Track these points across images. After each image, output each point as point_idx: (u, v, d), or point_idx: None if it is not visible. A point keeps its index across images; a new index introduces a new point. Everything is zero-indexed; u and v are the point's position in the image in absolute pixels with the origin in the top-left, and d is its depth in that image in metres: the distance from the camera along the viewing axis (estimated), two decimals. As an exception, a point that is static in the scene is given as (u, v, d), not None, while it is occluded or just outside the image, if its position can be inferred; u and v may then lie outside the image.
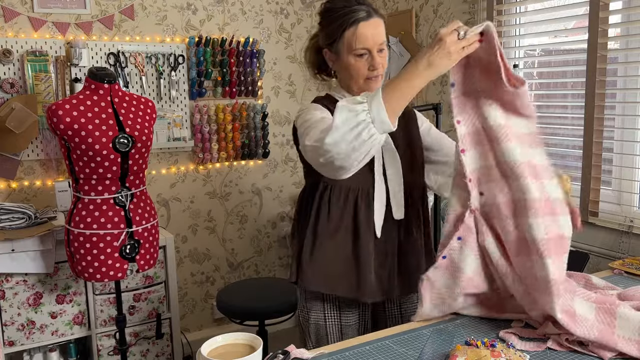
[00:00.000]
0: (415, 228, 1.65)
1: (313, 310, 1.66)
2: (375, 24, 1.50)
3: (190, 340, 3.37)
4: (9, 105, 2.76)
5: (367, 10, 1.51)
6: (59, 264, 2.68)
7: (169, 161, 3.41)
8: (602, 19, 2.21)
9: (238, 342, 1.15)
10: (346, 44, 1.51)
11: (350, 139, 1.24)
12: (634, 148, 2.21)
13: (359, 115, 1.24)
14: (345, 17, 1.50)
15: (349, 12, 1.50)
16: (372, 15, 1.51)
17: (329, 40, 1.56)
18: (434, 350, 1.26)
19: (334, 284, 1.60)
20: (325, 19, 1.57)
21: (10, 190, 3.01)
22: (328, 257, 1.58)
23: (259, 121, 3.56)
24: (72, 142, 2.24)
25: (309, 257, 1.59)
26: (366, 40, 1.49)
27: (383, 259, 1.61)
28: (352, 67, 1.53)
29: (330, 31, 1.55)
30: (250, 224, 3.73)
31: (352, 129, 1.23)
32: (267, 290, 2.80)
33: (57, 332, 2.74)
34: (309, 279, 1.60)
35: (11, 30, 2.93)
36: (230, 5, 3.49)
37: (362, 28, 1.49)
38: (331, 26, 1.54)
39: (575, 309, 1.26)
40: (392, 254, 1.62)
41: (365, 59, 1.51)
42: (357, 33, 1.49)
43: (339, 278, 1.59)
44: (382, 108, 1.23)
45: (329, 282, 1.60)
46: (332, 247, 1.58)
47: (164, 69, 3.28)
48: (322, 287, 1.61)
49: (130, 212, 2.37)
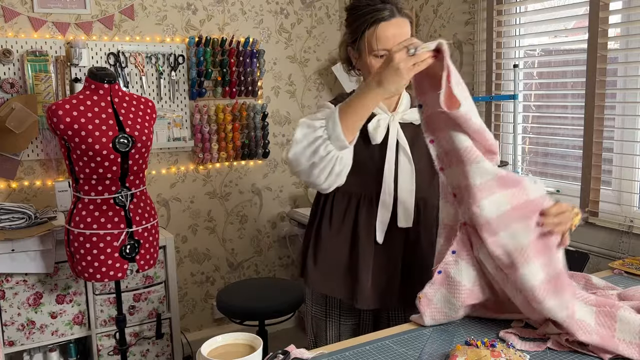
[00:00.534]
0: (425, 241, 1.59)
1: (316, 305, 1.67)
2: (398, 23, 1.45)
3: (190, 340, 3.37)
4: (9, 105, 2.76)
5: (390, 9, 1.46)
6: (59, 264, 2.68)
7: (169, 161, 3.41)
8: (602, 19, 2.21)
9: (238, 342, 1.15)
10: (367, 44, 1.47)
11: (308, 155, 1.29)
12: (634, 148, 2.20)
13: (316, 131, 1.29)
14: (367, 16, 1.46)
15: (371, 11, 1.46)
16: (395, 15, 1.46)
17: (352, 39, 1.53)
18: (434, 350, 1.26)
19: (333, 286, 1.59)
20: (349, 16, 1.53)
21: (10, 190, 3.01)
22: (328, 259, 1.58)
23: (259, 121, 3.56)
24: (72, 142, 2.24)
25: (312, 258, 1.60)
26: (387, 41, 1.44)
27: (383, 266, 1.57)
28: (372, 68, 1.47)
29: (352, 29, 1.52)
30: (250, 224, 3.73)
31: (310, 145, 1.29)
32: (267, 290, 2.80)
33: (57, 332, 2.74)
34: (312, 279, 1.61)
35: (11, 30, 2.93)
36: (230, 5, 3.49)
37: (382, 28, 1.44)
38: (354, 24, 1.50)
39: (574, 312, 1.26)
40: (394, 262, 1.58)
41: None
42: (377, 33, 1.45)
43: (337, 281, 1.59)
44: (337, 125, 1.27)
45: (329, 285, 1.59)
46: (332, 249, 1.57)
47: (164, 69, 3.28)
48: (323, 288, 1.62)
49: (130, 212, 2.37)
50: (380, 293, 1.58)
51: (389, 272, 1.58)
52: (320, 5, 3.78)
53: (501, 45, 2.74)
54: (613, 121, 2.27)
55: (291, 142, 1.32)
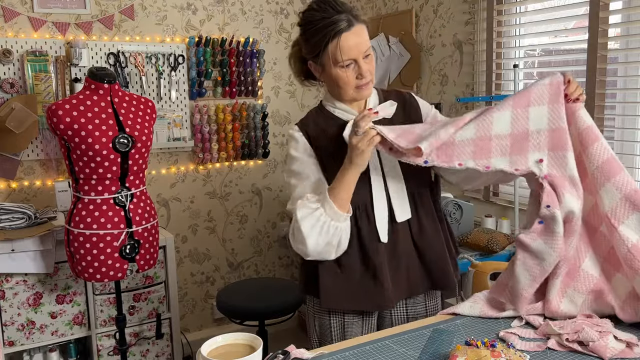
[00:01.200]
0: (429, 226, 1.62)
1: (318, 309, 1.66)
2: (357, 32, 1.45)
3: (190, 340, 3.37)
4: (9, 105, 2.76)
5: (347, 18, 1.44)
6: (59, 264, 2.68)
7: (169, 161, 3.41)
8: (602, 19, 2.21)
9: (238, 342, 1.15)
10: (331, 57, 1.47)
11: (323, 241, 1.47)
12: (634, 148, 2.21)
13: (320, 219, 1.45)
14: (326, 29, 1.44)
15: (329, 25, 1.44)
16: (354, 23, 1.45)
17: (313, 54, 1.52)
18: (434, 350, 1.26)
19: (357, 300, 1.59)
20: (306, 31, 1.51)
21: (10, 190, 3.01)
22: (344, 274, 1.57)
23: (259, 121, 3.56)
24: (72, 142, 2.24)
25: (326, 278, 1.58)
26: (350, 50, 1.45)
27: (396, 262, 1.59)
28: (340, 78, 1.49)
29: (312, 45, 1.50)
30: (250, 224, 3.73)
31: (320, 232, 1.46)
32: (267, 290, 2.80)
33: (57, 332, 2.74)
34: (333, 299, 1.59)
35: (11, 30, 2.93)
36: (230, 5, 3.49)
37: (344, 39, 1.44)
38: (313, 39, 1.48)
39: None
40: (406, 254, 1.59)
41: (352, 68, 1.47)
42: (340, 45, 1.44)
43: (359, 293, 1.58)
44: (332, 206, 1.44)
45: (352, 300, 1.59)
46: (345, 264, 1.57)
47: (164, 69, 3.28)
48: (347, 305, 1.61)
49: (130, 212, 2.37)
50: (402, 286, 1.61)
51: (404, 264, 1.60)
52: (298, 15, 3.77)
53: (501, 45, 2.74)
54: (613, 121, 2.27)
55: (297, 236, 1.48)
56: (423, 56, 3.16)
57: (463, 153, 1.39)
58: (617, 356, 1.21)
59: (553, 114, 1.38)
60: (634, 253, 1.30)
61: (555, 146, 1.39)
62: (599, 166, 1.36)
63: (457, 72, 2.95)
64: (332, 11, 1.45)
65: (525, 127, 1.40)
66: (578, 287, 1.38)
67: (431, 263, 1.62)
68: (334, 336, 1.65)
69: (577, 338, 1.25)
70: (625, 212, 1.33)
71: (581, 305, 1.39)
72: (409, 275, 1.61)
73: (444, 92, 3.04)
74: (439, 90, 3.07)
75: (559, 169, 1.38)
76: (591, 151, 1.36)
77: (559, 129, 1.38)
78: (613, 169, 1.35)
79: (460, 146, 1.39)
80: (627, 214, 1.33)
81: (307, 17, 1.50)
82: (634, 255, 1.30)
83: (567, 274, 1.40)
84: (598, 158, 1.36)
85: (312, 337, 1.70)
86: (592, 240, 1.41)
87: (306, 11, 1.51)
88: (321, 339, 1.68)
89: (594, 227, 1.40)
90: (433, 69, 3.10)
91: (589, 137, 1.37)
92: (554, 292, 1.39)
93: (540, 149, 1.40)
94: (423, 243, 1.60)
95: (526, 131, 1.40)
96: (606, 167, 1.35)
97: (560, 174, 1.38)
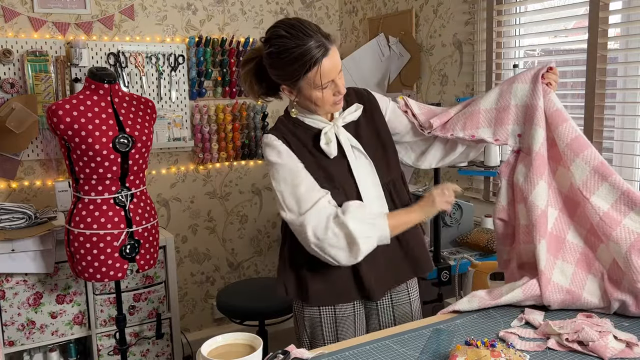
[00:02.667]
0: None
1: (308, 304, 1.67)
2: (333, 54, 1.47)
3: (190, 340, 3.38)
4: (9, 105, 2.76)
5: (321, 42, 1.45)
6: (59, 264, 2.68)
7: (169, 161, 3.41)
8: (602, 19, 2.21)
9: (238, 342, 1.15)
10: (310, 82, 1.48)
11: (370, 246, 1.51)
12: (634, 148, 2.21)
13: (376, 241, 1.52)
14: (304, 58, 1.44)
15: (306, 53, 1.43)
16: (328, 47, 1.46)
17: (289, 81, 1.51)
18: (434, 350, 1.26)
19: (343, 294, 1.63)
20: (279, 60, 1.47)
21: (10, 190, 3.01)
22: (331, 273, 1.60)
23: (259, 121, 3.57)
24: (72, 142, 2.24)
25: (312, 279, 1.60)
26: (329, 73, 1.47)
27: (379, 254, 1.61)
28: (318, 99, 1.52)
29: (289, 72, 1.48)
30: (250, 224, 3.74)
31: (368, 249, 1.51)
32: (267, 290, 2.80)
33: (57, 332, 2.74)
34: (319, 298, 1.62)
35: (11, 30, 2.93)
36: (230, 5, 3.50)
37: (324, 65, 1.45)
38: (289, 68, 1.47)
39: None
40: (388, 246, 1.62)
41: (330, 87, 1.51)
42: (320, 71, 1.45)
43: (345, 289, 1.62)
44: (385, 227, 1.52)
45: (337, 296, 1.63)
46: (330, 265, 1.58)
47: (164, 69, 3.28)
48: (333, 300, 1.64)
49: (130, 212, 2.37)
50: (387, 279, 1.66)
51: (388, 257, 1.65)
52: (320, 5, 3.78)
53: (501, 45, 2.74)
54: (613, 121, 2.27)
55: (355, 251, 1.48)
56: (423, 56, 3.16)
57: (456, 125, 1.62)
58: (617, 356, 1.21)
59: (532, 92, 1.54)
60: (605, 220, 1.40)
61: (529, 120, 1.53)
62: (568, 143, 1.46)
63: (457, 72, 2.95)
64: (304, 37, 1.43)
65: (508, 101, 1.58)
66: (566, 258, 1.47)
67: (413, 250, 1.69)
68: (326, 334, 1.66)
69: (577, 338, 1.25)
70: (595, 184, 1.43)
71: (572, 277, 1.44)
72: (393, 265, 1.66)
73: (444, 92, 3.04)
74: (438, 90, 3.07)
75: (529, 143, 1.53)
76: (561, 130, 1.48)
77: (534, 106, 1.52)
78: (581, 145, 1.46)
79: (455, 119, 1.63)
80: (597, 185, 1.43)
81: (279, 45, 1.45)
82: (605, 222, 1.40)
83: (554, 247, 1.48)
84: (567, 136, 1.47)
85: (303, 338, 1.71)
86: (574, 214, 1.50)
87: (276, 38, 1.46)
88: (312, 338, 1.68)
89: (576, 201, 1.48)
90: (433, 69, 3.10)
91: (559, 117, 1.50)
92: (542, 264, 1.45)
93: (519, 122, 1.57)
94: (403, 233, 1.64)
95: (508, 104, 1.57)
96: (575, 144, 1.46)
97: (528, 147, 1.53)
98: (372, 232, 1.49)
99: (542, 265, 1.44)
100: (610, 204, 1.42)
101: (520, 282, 1.48)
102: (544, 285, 1.43)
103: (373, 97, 1.71)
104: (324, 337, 1.66)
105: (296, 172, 1.54)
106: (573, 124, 1.48)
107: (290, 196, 1.52)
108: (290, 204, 1.52)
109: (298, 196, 1.51)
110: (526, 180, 1.50)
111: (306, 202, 1.50)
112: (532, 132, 1.51)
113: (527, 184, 1.50)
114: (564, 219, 1.51)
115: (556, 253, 1.47)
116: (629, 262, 1.36)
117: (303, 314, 1.69)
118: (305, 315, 1.68)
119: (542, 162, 1.49)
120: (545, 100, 1.52)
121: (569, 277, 1.44)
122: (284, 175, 1.54)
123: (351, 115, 1.63)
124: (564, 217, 1.51)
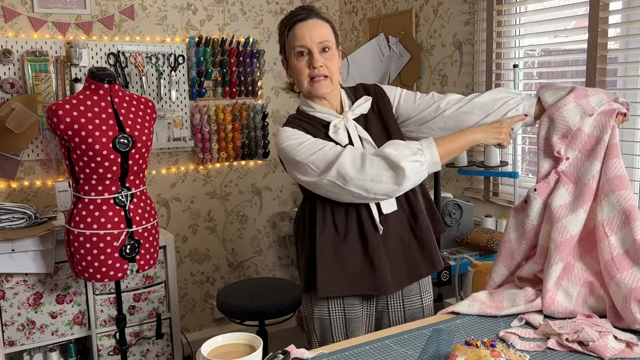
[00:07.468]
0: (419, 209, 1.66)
1: (317, 305, 1.66)
2: (313, 24, 1.57)
3: (190, 340, 3.38)
4: (9, 106, 2.76)
5: (307, 12, 1.58)
6: (59, 264, 2.68)
7: (169, 161, 3.41)
8: (602, 19, 2.21)
9: (238, 342, 1.15)
10: (289, 47, 1.59)
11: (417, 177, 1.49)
12: (634, 148, 2.21)
13: (422, 166, 1.47)
14: (286, 21, 1.60)
15: (289, 17, 1.60)
16: (312, 17, 1.58)
17: (281, 50, 1.65)
18: (434, 350, 1.26)
19: (354, 284, 1.61)
20: (278, 30, 1.66)
21: (10, 190, 3.01)
22: (346, 263, 1.59)
23: (259, 121, 3.57)
24: (72, 142, 2.24)
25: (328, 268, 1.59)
26: (303, 38, 1.55)
27: (396, 250, 1.62)
28: (295, 68, 1.59)
29: (279, 36, 1.64)
30: (250, 224, 3.74)
31: (417, 175, 1.47)
32: (267, 290, 2.80)
33: (57, 332, 2.74)
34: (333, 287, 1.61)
35: (11, 30, 2.93)
36: (230, 5, 3.50)
37: (299, 28, 1.56)
38: (279, 34, 1.64)
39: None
40: (405, 241, 1.63)
41: (306, 59, 1.57)
42: (295, 32, 1.56)
43: (357, 280, 1.60)
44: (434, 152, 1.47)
45: (349, 285, 1.61)
46: (347, 252, 1.59)
47: (164, 69, 3.28)
48: (343, 291, 1.62)
49: (130, 212, 2.37)
50: (402, 274, 1.64)
51: (404, 251, 1.63)
52: (320, 5, 3.78)
53: (501, 45, 2.74)
54: (613, 121, 2.27)
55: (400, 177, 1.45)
56: (423, 56, 3.16)
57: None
58: (617, 356, 1.21)
59: (603, 125, 1.48)
60: (616, 261, 1.38)
61: (588, 151, 1.49)
62: (610, 178, 1.44)
63: (457, 72, 2.95)
64: (298, 8, 1.62)
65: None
66: (572, 279, 1.45)
67: (429, 245, 1.67)
68: (336, 337, 1.65)
69: (577, 338, 1.25)
70: (620, 225, 1.41)
71: (576, 297, 1.42)
72: (408, 260, 1.65)
73: (444, 92, 3.03)
74: (439, 90, 3.07)
75: (576, 171, 1.50)
76: (609, 164, 1.45)
77: (599, 139, 1.47)
78: (621, 184, 1.43)
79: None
80: (620, 227, 1.41)
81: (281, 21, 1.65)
82: (614, 262, 1.38)
83: (563, 269, 1.45)
84: (612, 171, 1.44)
85: (313, 339, 1.70)
86: (592, 249, 1.47)
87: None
88: (322, 340, 1.68)
89: (598, 237, 1.45)
90: (433, 69, 3.10)
91: (612, 151, 1.46)
92: (550, 283, 1.43)
93: (573, 147, 1.52)
94: (418, 225, 1.65)
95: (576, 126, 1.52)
96: (616, 180, 1.43)
97: (574, 176, 1.49)
98: (414, 155, 1.46)
99: (549, 284, 1.43)
100: (625, 249, 1.39)
101: (522, 292, 1.48)
102: (547, 305, 1.42)
103: (382, 90, 1.73)
104: (333, 339, 1.65)
105: (317, 140, 1.56)
106: (622, 162, 1.46)
107: (322, 158, 1.51)
108: (323, 164, 1.51)
109: (326, 153, 1.51)
110: (565, 206, 1.47)
111: (336, 154, 1.50)
112: (588, 164, 1.47)
113: (564, 209, 1.47)
114: (579, 249, 1.49)
115: (563, 276, 1.46)
116: (627, 307, 1.33)
117: (313, 315, 1.68)
118: (315, 317, 1.67)
119: (589, 193, 1.46)
120: (611, 135, 1.48)
121: (574, 298, 1.43)
122: (309, 147, 1.54)
123: (360, 107, 1.65)
124: (579, 247, 1.49)
